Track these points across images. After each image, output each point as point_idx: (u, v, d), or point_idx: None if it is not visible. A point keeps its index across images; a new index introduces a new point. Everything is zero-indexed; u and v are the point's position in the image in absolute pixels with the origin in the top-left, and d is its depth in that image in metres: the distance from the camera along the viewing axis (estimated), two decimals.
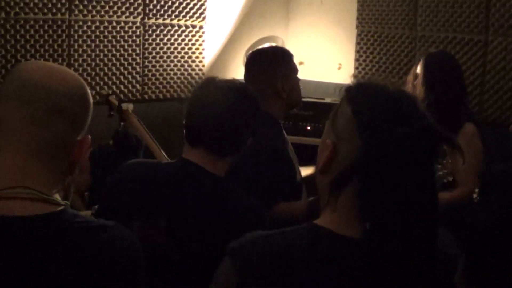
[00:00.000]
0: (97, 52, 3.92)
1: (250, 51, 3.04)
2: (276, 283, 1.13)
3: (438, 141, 1.16)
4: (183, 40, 4.37)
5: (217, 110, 1.88)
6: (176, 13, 4.29)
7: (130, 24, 4.05)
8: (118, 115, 2.95)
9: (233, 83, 2.00)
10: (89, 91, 1.32)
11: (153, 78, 4.28)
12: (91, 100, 1.31)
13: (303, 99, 4.21)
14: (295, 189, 2.55)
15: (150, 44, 4.20)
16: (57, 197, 1.23)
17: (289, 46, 4.74)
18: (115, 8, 3.94)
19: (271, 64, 2.59)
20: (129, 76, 4.14)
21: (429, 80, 3.02)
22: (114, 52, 4.01)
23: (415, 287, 1.12)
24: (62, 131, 1.22)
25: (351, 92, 1.23)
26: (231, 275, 1.16)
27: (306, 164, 2.92)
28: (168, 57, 4.32)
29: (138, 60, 4.15)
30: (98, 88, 3.91)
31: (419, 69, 3.11)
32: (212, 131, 1.88)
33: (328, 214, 1.19)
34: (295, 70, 2.64)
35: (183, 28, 4.35)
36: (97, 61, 3.93)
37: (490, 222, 0.87)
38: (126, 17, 4.02)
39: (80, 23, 3.79)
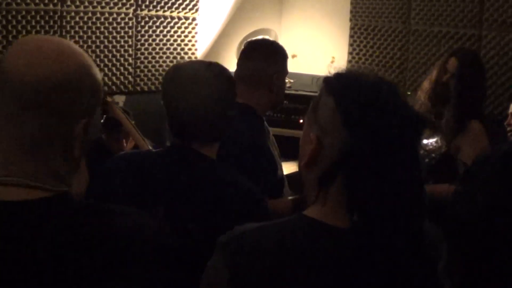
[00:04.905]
0: (89, 43, 3.90)
1: (249, 40, 3.00)
2: (268, 275, 1.12)
3: (422, 127, 1.16)
4: (175, 32, 4.35)
5: (201, 102, 1.82)
6: (169, 4, 4.27)
7: (123, 15, 4.03)
8: (101, 106, 2.91)
9: (206, 69, 1.87)
10: (83, 71, 1.17)
11: (146, 70, 4.27)
12: (86, 82, 1.17)
13: (296, 92, 4.23)
14: (277, 184, 2.52)
15: (142, 35, 4.18)
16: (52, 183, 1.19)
17: (282, 39, 4.73)
18: None
19: (271, 55, 2.57)
20: (121, 68, 4.12)
21: (463, 76, 2.98)
22: (106, 43, 3.98)
23: (402, 275, 1.12)
24: (42, 125, 1.17)
25: (331, 83, 1.21)
26: (221, 269, 1.15)
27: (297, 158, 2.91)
28: (161, 49, 4.30)
29: (130, 52, 4.13)
30: None
31: (451, 64, 3.05)
32: (200, 124, 1.83)
33: (317, 206, 1.19)
34: (287, 71, 2.63)
35: (176, 20, 4.33)
36: (89, 53, 3.90)
37: (474, 213, 0.87)
38: (118, 8, 3.99)
39: (72, 14, 3.77)
